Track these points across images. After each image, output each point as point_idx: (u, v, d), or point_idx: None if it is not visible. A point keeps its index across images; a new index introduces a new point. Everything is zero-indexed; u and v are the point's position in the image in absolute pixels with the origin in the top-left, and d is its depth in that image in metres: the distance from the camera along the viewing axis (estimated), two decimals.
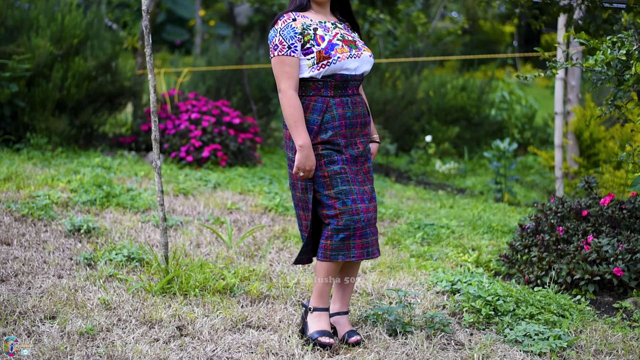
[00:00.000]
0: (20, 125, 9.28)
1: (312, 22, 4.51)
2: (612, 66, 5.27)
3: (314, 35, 4.45)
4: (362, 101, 4.62)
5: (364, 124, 4.60)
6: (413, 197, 8.84)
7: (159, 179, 5.22)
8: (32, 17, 9.72)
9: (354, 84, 4.53)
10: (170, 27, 25.41)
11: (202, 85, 12.01)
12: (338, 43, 4.47)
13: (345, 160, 4.50)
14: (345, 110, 4.49)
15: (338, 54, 4.44)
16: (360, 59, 4.51)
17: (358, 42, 4.59)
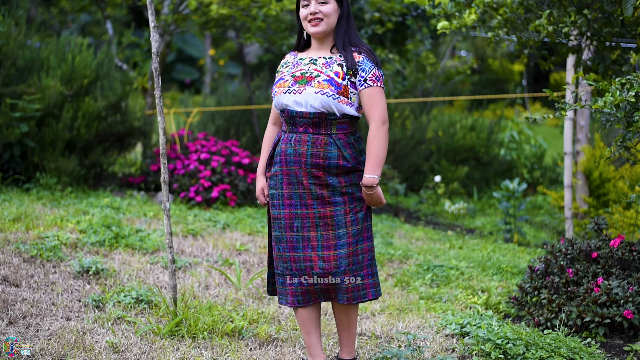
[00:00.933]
0: (30, 165, 9.30)
1: (294, 59, 4.67)
2: (621, 108, 5.26)
3: (280, 71, 4.68)
4: (319, 142, 4.47)
5: (314, 165, 4.46)
6: (422, 237, 8.82)
7: (167, 221, 5.21)
8: (43, 57, 9.77)
9: (303, 121, 4.48)
10: (180, 66, 25.53)
11: (212, 125, 12.05)
12: (285, 78, 4.56)
13: (283, 204, 4.51)
14: (287, 147, 4.51)
15: (276, 88, 4.59)
16: (301, 95, 4.46)
17: (322, 76, 4.48)
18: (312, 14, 4.53)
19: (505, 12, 6.58)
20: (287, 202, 4.48)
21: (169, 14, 10.40)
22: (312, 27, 4.56)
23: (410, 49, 13.65)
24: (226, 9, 9.87)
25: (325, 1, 4.54)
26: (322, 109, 4.44)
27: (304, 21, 4.60)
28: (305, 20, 4.58)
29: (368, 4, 12.60)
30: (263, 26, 10.74)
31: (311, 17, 4.54)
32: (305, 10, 4.57)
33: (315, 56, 4.60)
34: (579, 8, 6.36)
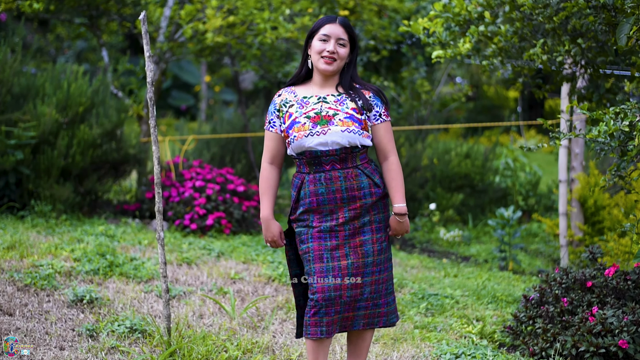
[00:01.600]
0: (24, 193, 9.29)
1: (296, 97, 4.65)
2: (615, 137, 5.27)
3: (286, 112, 4.62)
4: (350, 175, 4.54)
5: (350, 198, 4.52)
6: (417, 265, 8.81)
7: (162, 250, 5.21)
8: (39, 84, 9.78)
9: (330, 159, 4.51)
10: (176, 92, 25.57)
11: (207, 153, 12.06)
12: (301, 121, 4.54)
13: (312, 237, 4.51)
14: (317, 186, 4.52)
15: (295, 132, 4.55)
16: (326, 135, 4.49)
17: (341, 114, 4.54)
18: (330, 52, 4.59)
19: (500, 41, 6.61)
20: (317, 235, 4.51)
21: (165, 42, 10.42)
22: (325, 64, 4.61)
23: (405, 76, 13.68)
24: (222, 37, 9.90)
25: (344, 44, 4.64)
26: (347, 145, 4.53)
27: (316, 54, 4.62)
28: (318, 54, 4.61)
29: (363, 32, 12.63)
30: (258, 54, 10.77)
31: (327, 55, 4.58)
32: (322, 46, 4.61)
33: (322, 94, 4.64)
34: (573, 37, 6.39)
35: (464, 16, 6.67)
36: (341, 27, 4.64)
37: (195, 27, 10.08)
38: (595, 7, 5.92)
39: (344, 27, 4.65)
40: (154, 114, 5.14)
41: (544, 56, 6.37)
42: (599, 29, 6.09)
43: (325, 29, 4.63)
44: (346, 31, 4.65)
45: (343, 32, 4.63)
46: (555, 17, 6.09)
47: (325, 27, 4.63)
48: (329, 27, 4.63)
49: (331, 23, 4.65)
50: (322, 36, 4.62)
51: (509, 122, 13.12)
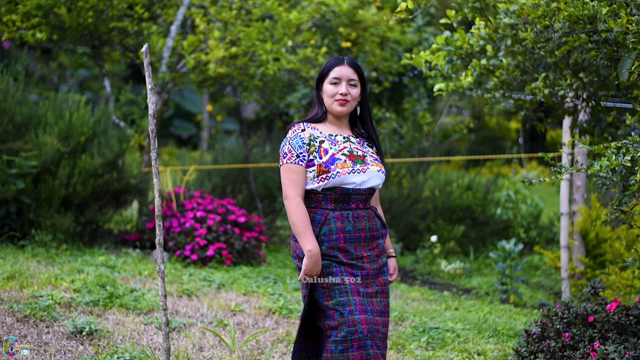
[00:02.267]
0: (25, 222, 9.28)
1: (322, 134, 4.61)
2: (617, 172, 5.27)
3: (319, 147, 4.55)
4: (370, 215, 4.61)
5: (371, 238, 4.58)
6: (418, 298, 8.78)
7: (162, 283, 5.19)
8: (40, 114, 9.80)
9: (357, 198, 4.54)
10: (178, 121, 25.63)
11: (208, 183, 12.06)
12: (341, 157, 4.52)
13: (345, 272, 4.48)
14: (345, 224, 4.50)
15: (338, 168, 4.50)
16: (365, 174, 4.54)
17: (369, 156, 4.61)
18: (343, 95, 4.61)
19: (502, 74, 6.62)
20: (349, 271, 4.50)
21: (167, 72, 10.45)
22: (339, 106, 4.64)
23: (407, 108, 13.71)
24: (224, 67, 9.93)
25: (355, 84, 4.67)
26: (377, 186, 4.65)
27: (329, 98, 4.65)
28: (331, 97, 4.64)
29: (365, 64, 12.66)
30: (260, 85, 10.79)
31: (340, 98, 4.61)
32: (334, 89, 4.64)
33: (344, 134, 4.70)
34: (575, 71, 6.40)
35: (466, 49, 6.68)
36: (350, 68, 4.67)
37: (197, 57, 10.11)
38: (597, 41, 5.93)
39: (353, 68, 4.68)
40: (155, 146, 5.14)
41: (545, 90, 6.38)
42: (601, 63, 6.10)
43: (335, 71, 4.65)
44: (355, 71, 4.68)
45: (353, 72, 4.67)
46: (557, 51, 6.10)
47: (335, 70, 4.66)
48: (338, 69, 4.66)
49: (340, 65, 4.68)
50: (333, 79, 4.65)
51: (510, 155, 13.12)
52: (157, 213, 5.14)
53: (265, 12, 10.60)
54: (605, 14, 5.46)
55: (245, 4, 10.84)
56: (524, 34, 6.15)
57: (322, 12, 10.70)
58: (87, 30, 10.21)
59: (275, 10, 10.43)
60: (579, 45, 6.08)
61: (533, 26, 6.16)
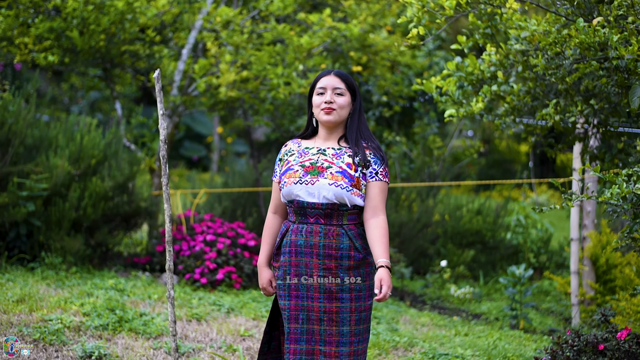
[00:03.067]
0: (35, 244, 9.29)
1: (299, 147, 4.66)
2: (627, 200, 5.26)
3: (286, 161, 4.64)
4: (331, 233, 4.48)
5: (326, 256, 4.46)
6: (428, 323, 8.75)
7: (172, 308, 5.18)
8: (52, 136, 9.83)
9: (315, 212, 4.48)
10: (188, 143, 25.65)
11: (218, 207, 12.06)
12: (295, 168, 4.54)
13: (289, 296, 4.48)
14: (298, 237, 4.49)
15: (286, 178, 4.56)
16: (314, 186, 4.47)
17: (333, 168, 4.52)
18: (327, 102, 4.59)
19: (512, 100, 6.63)
20: (294, 294, 4.47)
21: (178, 95, 10.49)
22: (325, 115, 4.61)
23: (418, 132, 13.71)
24: (235, 91, 9.95)
25: (341, 93, 4.63)
26: (334, 200, 4.47)
27: (316, 108, 4.65)
28: (318, 107, 4.63)
29: (376, 87, 12.68)
30: (271, 109, 10.81)
31: (325, 106, 4.59)
32: (320, 98, 4.63)
33: (323, 146, 4.63)
34: (586, 98, 6.40)
35: (476, 75, 6.69)
36: (336, 77, 4.67)
37: (208, 81, 10.14)
38: (608, 68, 5.93)
39: (340, 77, 4.68)
40: (166, 172, 5.15)
41: (556, 116, 6.38)
42: (612, 90, 6.10)
43: (321, 82, 4.68)
44: (342, 80, 4.66)
45: (339, 81, 4.65)
46: (568, 78, 6.10)
47: (321, 81, 4.69)
48: (324, 79, 4.68)
49: (326, 75, 4.70)
50: (319, 89, 4.67)
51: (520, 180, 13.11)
52: (167, 239, 5.14)
53: (277, 36, 10.63)
54: (616, 41, 5.46)
55: (256, 28, 10.88)
56: (535, 61, 6.16)
57: (333, 37, 10.72)
58: (99, 53, 10.25)
59: (287, 34, 10.46)
60: (589, 72, 6.09)
61: (544, 53, 6.17)
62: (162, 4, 10.42)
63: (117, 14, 9.85)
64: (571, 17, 6.08)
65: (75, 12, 9.69)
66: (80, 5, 9.63)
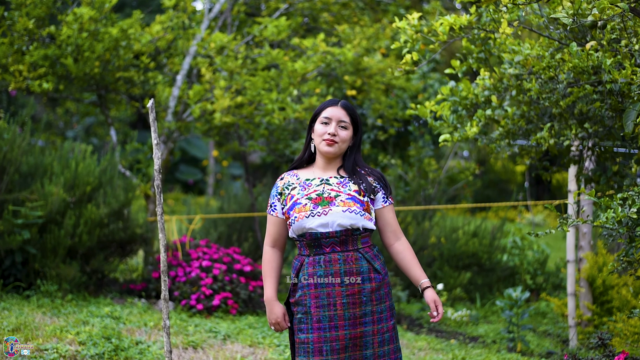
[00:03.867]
0: (31, 272, 9.26)
1: (298, 180, 4.65)
2: (623, 223, 5.26)
3: (288, 194, 4.60)
4: (350, 258, 4.49)
5: (348, 282, 4.45)
6: (425, 347, 8.73)
7: (167, 339, 5.17)
8: (47, 163, 9.81)
9: (330, 241, 4.47)
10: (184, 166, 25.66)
11: (214, 232, 12.05)
12: (302, 202, 4.52)
13: (312, 328, 4.44)
14: (316, 269, 4.47)
15: (295, 213, 4.52)
16: (327, 216, 4.46)
17: (342, 195, 4.53)
18: (331, 134, 4.60)
19: (507, 124, 6.64)
20: (316, 326, 4.44)
21: (173, 121, 10.49)
22: (327, 146, 4.63)
23: (413, 154, 13.71)
24: (230, 116, 9.96)
25: (346, 127, 4.66)
26: (348, 227, 4.49)
27: (318, 137, 4.65)
28: (320, 137, 4.64)
29: (370, 111, 12.70)
30: (266, 134, 10.83)
31: (328, 137, 4.60)
32: (324, 128, 4.64)
33: (325, 176, 4.64)
34: (580, 121, 6.41)
35: (470, 100, 6.70)
36: (343, 110, 4.67)
37: (203, 107, 10.15)
38: (601, 92, 5.95)
39: (346, 110, 4.68)
40: (160, 201, 5.14)
41: (551, 140, 6.39)
42: (606, 114, 6.12)
43: (327, 111, 4.67)
44: (348, 114, 4.68)
45: (345, 114, 4.66)
46: (562, 101, 6.12)
47: (326, 110, 4.68)
48: (330, 110, 4.67)
49: (333, 106, 4.69)
50: (324, 119, 4.66)
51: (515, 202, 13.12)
52: (162, 269, 5.13)
53: (271, 61, 10.65)
54: (609, 65, 5.48)
55: (250, 54, 10.90)
56: (528, 85, 6.17)
57: (327, 61, 10.74)
58: (94, 80, 10.26)
59: (281, 59, 10.48)
60: (583, 96, 6.11)
61: (538, 77, 6.19)
62: (156, 30, 10.44)
63: (111, 40, 9.88)
64: (564, 41, 6.10)
65: (70, 39, 9.71)
66: (75, 33, 9.65)
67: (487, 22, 6.35)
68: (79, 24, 9.71)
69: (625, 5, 4.69)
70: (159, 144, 5.11)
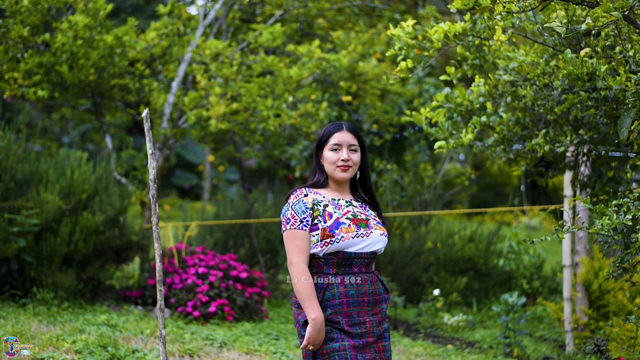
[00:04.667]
0: (26, 280, 9.26)
1: (325, 198, 4.61)
2: (618, 230, 5.27)
3: (323, 211, 4.53)
4: (373, 279, 4.59)
5: (374, 302, 4.55)
6: (422, 353, 8.72)
7: (163, 348, 5.17)
8: (42, 171, 9.81)
9: (360, 262, 4.52)
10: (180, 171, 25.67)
11: (210, 238, 12.03)
12: (345, 222, 4.50)
13: (345, 338, 4.45)
14: (348, 288, 4.48)
15: (342, 233, 4.47)
16: (369, 238, 4.53)
17: (372, 220, 4.61)
18: (344, 160, 4.63)
19: (502, 130, 6.64)
20: (348, 339, 4.47)
21: (168, 128, 10.49)
22: (342, 172, 4.67)
23: (409, 159, 13.71)
24: (225, 123, 9.96)
25: (355, 149, 4.71)
26: (380, 250, 4.63)
27: (330, 165, 4.67)
28: (333, 164, 4.66)
29: (365, 116, 12.69)
30: (262, 140, 10.83)
31: (342, 164, 4.63)
32: (335, 155, 4.66)
33: (346, 198, 4.71)
34: (575, 127, 6.42)
35: (466, 106, 6.71)
36: (350, 134, 4.70)
37: (198, 113, 10.15)
38: (596, 99, 5.96)
39: (353, 133, 4.72)
40: (156, 211, 5.14)
41: (546, 147, 6.39)
42: (601, 120, 6.12)
43: (335, 137, 4.68)
44: (355, 136, 4.72)
45: (352, 137, 4.70)
46: (556, 108, 6.13)
47: (335, 136, 4.69)
48: (338, 135, 4.68)
49: (340, 131, 4.70)
50: (334, 146, 4.68)
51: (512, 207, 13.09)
52: (158, 278, 5.13)
53: (266, 67, 10.65)
54: (604, 72, 5.48)
55: (246, 60, 10.90)
56: (523, 92, 6.18)
57: (322, 68, 10.74)
58: (89, 87, 10.27)
59: (276, 66, 10.48)
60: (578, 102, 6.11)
61: (533, 84, 6.20)
62: (151, 37, 10.44)
63: (106, 48, 9.88)
64: (559, 47, 6.11)
65: (65, 46, 9.71)
66: (70, 40, 9.65)
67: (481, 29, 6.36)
68: (74, 32, 9.72)
69: (619, 14, 4.70)
70: (154, 154, 5.11)
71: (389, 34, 6.41)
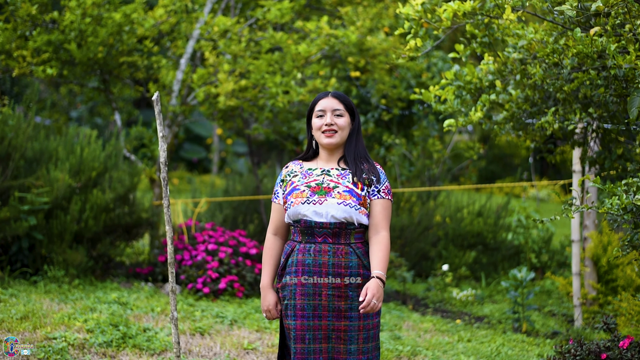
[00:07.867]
0: (37, 257, 9.31)
1: (302, 168, 4.70)
2: (627, 210, 5.27)
3: (289, 181, 4.66)
4: (340, 252, 4.51)
5: (335, 274, 4.50)
6: (431, 329, 8.75)
7: (175, 330, 5.21)
8: (52, 149, 9.83)
9: (323, 232, 4.51)
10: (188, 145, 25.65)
11: (220, 214, 12.06)
12: (301, 188, 4.58)
13: (295, 316, 4.50)
14: (305, 256, 4.51)
15: (292, 198, 4.58)
16: (322, 206, 4.51)
17: (340, 187, 4.56)
18: (328, 125, 4.63)
19: (511, 107, 6.63)
20: (300, 314, 4.49)
21: (177, 105, 10.49)
22: (326, 138, 4.67)
23: (417, 134, 13.68)
24: (234, 100, 9.96)
25: (341, 114, 4.68)
26: (342, 220, 4.52)
27: (316, 131, 4.69)
28: (318, 130, 4.68)
29: (374, 91, 12.67)
30: (271, 116, 10.83)
31: (326, 129, 4.64)
32: (320, 121, 4.68)
33: (327, 167, 4.68)
34: (584, 105, 6.41)
35: (475, 84, 6.70)
36: (335, 99, 4.73)
37: (207, 90, 10.15)
38: (606, 77, 5.94)
39: (338, 98, 4.73)
40: (167, 193, 5.16)
41: (555, 124, 6.38)
42: (610, 99, 6.11)
43: (320, 104, 4.73)
44: (340, 101, 4.72)
45: (337, 102, 4.71)
46: (566, 86, 6.12)
47: (319, 103, 4.74)
48: (322, 102, 4.73)
49: (324, 98, 4.75)
50: (318, 112, 4.72)
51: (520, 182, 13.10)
52: (169, 260, 5.15)
53: (274, 44, 10.63)
54: (614, 50, 5.47)
55: (254, 37, 10.88)
56: (532, 70, 6.17)
57: (330, 44, 10.72)
58: (97, 65, 10.28)
59: (284, 42, 10.47)
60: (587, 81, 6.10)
61: (542, 62, 6.18)
62: (160, 14, 10.42)
63: (114, 25, 9.87)
64: (568, 25, 6.09)
65: (73, 24, 9.71)
66: (78, 18, 9.65)
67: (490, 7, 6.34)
68: (82, 9, 9.72)
69: None
70: (164, 137, 5.12)
71: (397, 12, 6.39)
